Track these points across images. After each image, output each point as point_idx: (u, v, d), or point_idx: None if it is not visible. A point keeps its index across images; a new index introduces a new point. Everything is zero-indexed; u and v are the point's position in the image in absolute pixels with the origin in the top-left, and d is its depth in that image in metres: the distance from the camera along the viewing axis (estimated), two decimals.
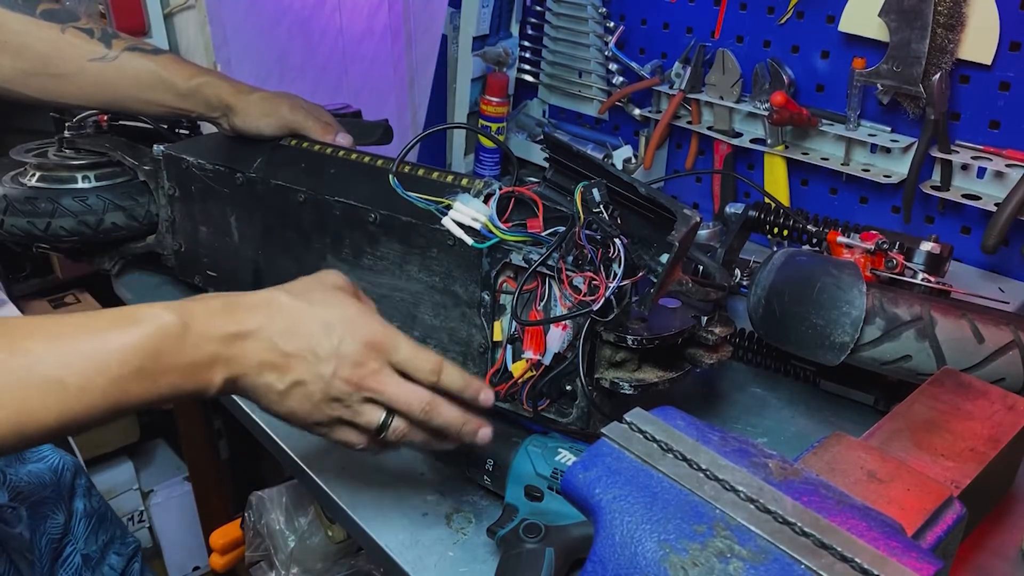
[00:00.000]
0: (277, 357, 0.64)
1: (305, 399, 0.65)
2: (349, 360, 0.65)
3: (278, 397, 0.65)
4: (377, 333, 0.66)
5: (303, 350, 0.64)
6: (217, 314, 0.63)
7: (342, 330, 0.65)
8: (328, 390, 0.65)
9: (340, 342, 0.65)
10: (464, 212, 0.77)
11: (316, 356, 0.65)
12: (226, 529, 1.52)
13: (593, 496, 0.52)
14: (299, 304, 0.66)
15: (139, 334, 0.59)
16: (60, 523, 0.94)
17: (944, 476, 0.63)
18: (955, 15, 1.05)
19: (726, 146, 1.34)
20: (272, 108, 0.99)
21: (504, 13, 1.56)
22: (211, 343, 0.62)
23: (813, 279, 0.83)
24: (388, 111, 1.77)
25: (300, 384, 0.65)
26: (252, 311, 0.64)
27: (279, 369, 0.64)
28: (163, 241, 1.11)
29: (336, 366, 0.65)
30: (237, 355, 0.63)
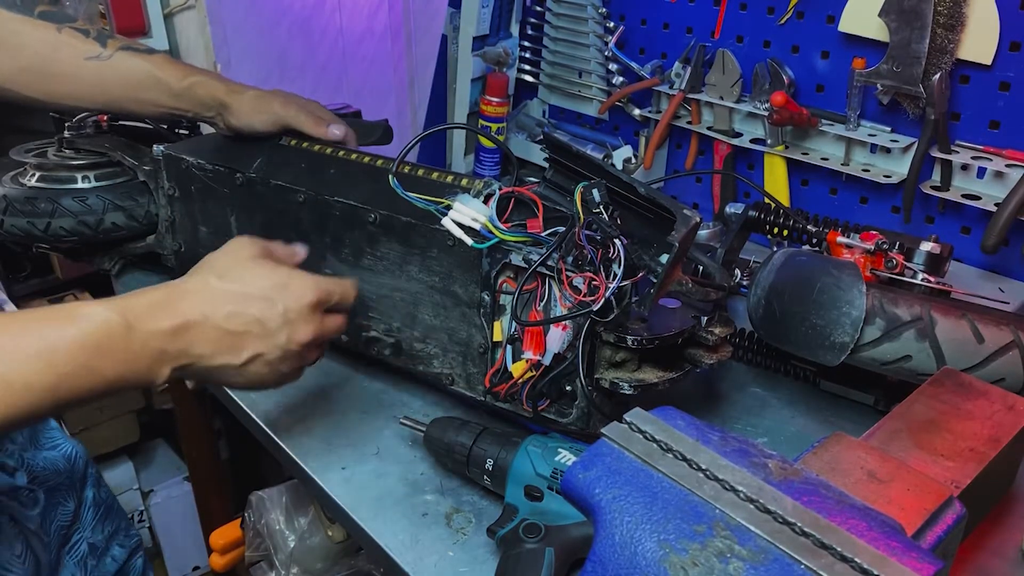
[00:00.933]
0: (229, 339, 0.68)
1: (265, 367, 0.71)
2: (298, 323, 0.71)
3: (237, 372, 0.70)
4: (314, 290, 0.73)
5: (251, 325, 0.69)
6: (159, 308, 0.65)
7: (281, 299, 0.70)
8: (285, 354, 0.71)
9: (286, 311, 0.70)
10: (464, 212, 0.77)
11: (266, 328, 0.70)
12: (226, 529, 1.52)
13: (593, 496, 0.52)
14: (231, 286, 0.70)
15: (82, 332, 0.61)
16: (70, 511, 0.95)
17: (944, 476, 0.63)
18: (955, 15, 1.05)
19: (726, 146, 1.34)
20: (264, 105, 1.00)
21: (504, 13, 1.56)
22: (156, 338, 0.64)
23: (813, 279, 0.83)
24: (388, 111, 1.77)
25: (258, 356, 0.70)
26: (192, 301, 0.68)
27: (234, 348, 0.69)
28: (163, 241, 1.11)
29: (289, 332, 0.71)
30: (185, 347, 0.66)
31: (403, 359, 0.90)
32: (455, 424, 0.80)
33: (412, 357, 0.89)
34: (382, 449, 0.87)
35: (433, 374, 0.88)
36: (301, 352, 0.73)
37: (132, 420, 2.01)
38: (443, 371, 0.87)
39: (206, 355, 0.67)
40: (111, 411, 1.95)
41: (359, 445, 0.88)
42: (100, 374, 0.61)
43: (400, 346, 0.90)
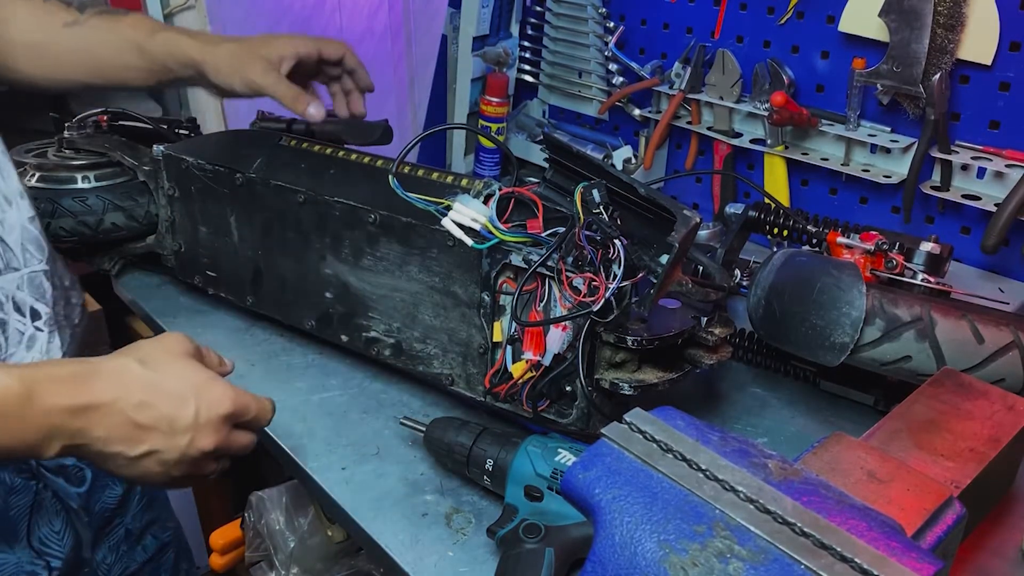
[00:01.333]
0: (130, 430, 0.65)
1: (158, 465, 0.67)
2: (206, 431, 0.68)
3: (127, 463, 0.66)
4: (231, 402, 0.70)
5: (159, 421, 0.66)
6: (64, 384, 0.63)
7: (197, 402, 0.68)
8: (183, 458, 0.68)
9: (196, 414, 0.67)
10: (464, 213, 0.77)
11: (173, 428, 0.66)
12: (226, 529, 1.52)
13: (593, 496, 0.52)
14: (152, 375, 0.67)
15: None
16: (117, 495, 0.94)
17: (944, 476, 0.63)
18: (955, 15, 1.05)
19: (726, 146, 1.34)
20: (241, 66, 0.92)
21: (504, 13, 1.56)
22: (55, 414, 0.61)
23: (813, 279, 0.83)
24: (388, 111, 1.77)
25: (154, 453, 0.67)
26: (105, 382, 0.65)
27: (131, 440, 0.65)
28: (163, 241, 1.11)
29: (193, 437, 0.67)
30: (83, 428, 0.63)
31: (403, 359, 0.90)
32: (455, 424, 0.80)
33: (412, 357, 0.89)
34: (382, 449, 0.87)
35: (433, 374, 0.88)
36: (198, 460, 0.69)
37: None
38: (443, 371, 0.87)
39: (102, 439, 0.64)
40: None
41: (359, 445, 0.88)
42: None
43: (400, 346, 0.90)
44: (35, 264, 0.79)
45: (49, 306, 0.80)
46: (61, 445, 0.63)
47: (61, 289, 0.85)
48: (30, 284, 0.78)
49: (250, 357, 1.02)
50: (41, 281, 0.80)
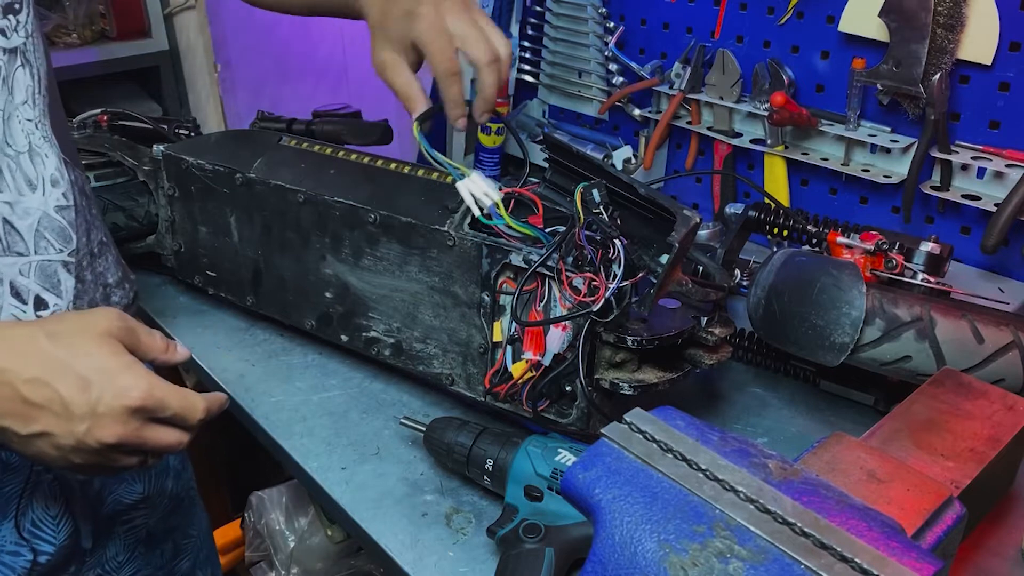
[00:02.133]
0: (18, 405, 0.60)
1: (53, 448, 0.62)
2: (107, 420, 0.61)
3: (19, 441, 0.62)
4: (141, 395, 0.62)
5: (52, 402, 0.60)
6: None
7: (101, 388, 0.61)
8: (80, 446, 0.62)
9: (97, 402, 0.61)
10: (478, 185, 0.77)
11: (67, 412, 0.61)
12: (226, 529, 1.52)
13: (593, 496, 0.52)
14: (57, 351, 0.61)
15: None
16: (137, 492, 0.90)
17: (944, 476, 0.64)
18: (955, 15, 1.05)
19: (726, 146, 1.34)
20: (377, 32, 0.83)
21: (504, 13, 1.56)
22: None
23: (813, 279, 0.83)
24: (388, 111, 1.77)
25: (46, 435, 0.61)
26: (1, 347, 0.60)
27: (21, 417, 0.60)
28: (163, 241, 1.11)
29: (90, 426, 0.61)
30: None
31: (403, 359, 0.90)
32: (455, 424, 0.80)
33: (412, 357, 0.89)
34: (382, 449, 0.87)
35: (433, 374, 0.88)
36: (101, 451, 0.62)
37: None
38: (443, 371, 0.87)
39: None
40: None
41: (359, 445, 0.88)
42: None
43: (400, 346, 0.90)
44: (50, 253, 0.76)
45: (65, 299, 0.77)
46: None
47: (97, 286, 0.81)
48: (40, 273, 0.75)
49: (250, 357, 1.02)
50: (56, 271, 0.76)
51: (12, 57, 0.73)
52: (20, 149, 0.74)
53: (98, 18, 1.75)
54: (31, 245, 0.75)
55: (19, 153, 0.74)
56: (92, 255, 0.81)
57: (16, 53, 0.74)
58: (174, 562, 0.97)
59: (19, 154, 0.74)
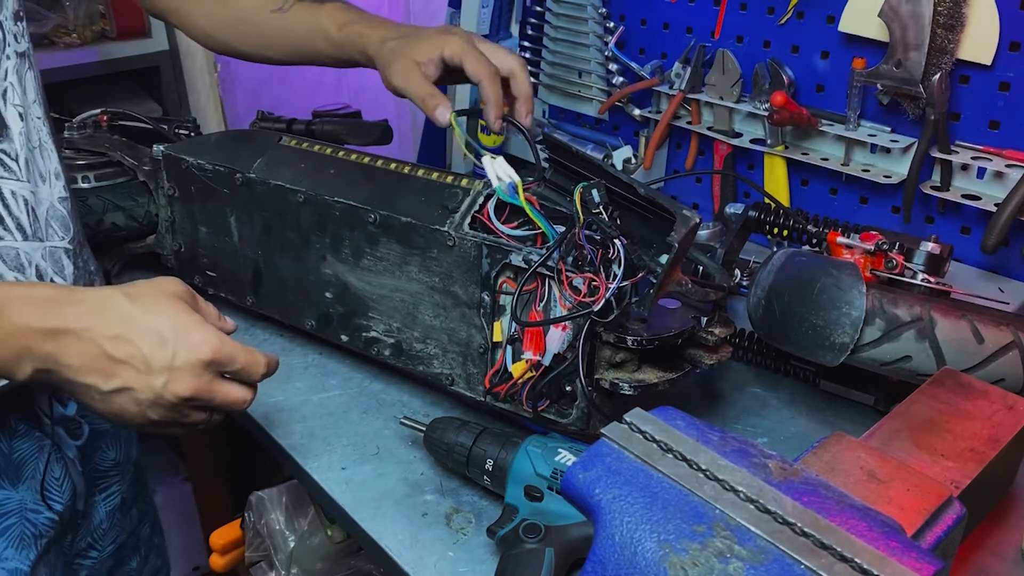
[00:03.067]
0: (103, 361, 0.63)
1: (132, 404, 0.66)
2: (183, 374, 0.65)
3: (101, 398, 0.65)
4: (213, 349, 0.67)
5: (133, 358, 0.64)
6: (40, 305, 0.62)
7: (176, 343, 0.65)
8: (158, 400, 0.66)
9: (174, 356, 0.65)
10: (503, 167, 0.77)
11: (147, 366, 0.64)
12: (226, 529, 1.52)
13: (593, 496, 0.52)
14: (135, 310, 0.65)
15: None
16: (110, 459, 0.94)
17: (944, 476, 0.64)
18: (955, 15, 1.05)
19: (726, 146, 1.34)
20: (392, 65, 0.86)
21: (504, 13, 1.56)
22: (25, 334, 0.61)
23: (813, 279, 0.83)
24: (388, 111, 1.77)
25: (128, 390, 0.65)
26: (80, 308, 0.63)
27: (104, 373, 0.64)
28: (163, 241, 1.11)
29: (168, 379, 0.65)
30: (53, 352, 0.62)
31: (403, 359, 0.90)
32: (455, 424, 0.80)
33: (412, 357, 0.89)
34: (382, 449, 0.87)
35: (433, 374, 0.88)
36: (177, 406, 0.67)
37: None
38: (443, 371, 0.87)
39: (73, 367, 0.63)
40: None
41: (359, 445, 0.88)
42: None
43: (400, 346, 0.90)
44: (56, 240, 0.80)
45: (68, 283, 0.81)
46: (32, 368, 0.62)
47: (85, 272, 0.85)
48: (51, 258, 0.79)
49: None
50: (61, 257, 0.80)
51: (23, 60, 0.78)
52: (34, 144, 0.79)
53: (98, 18, 1.75)
54: (45, 232, 0.79)
55: (34, 148, 0.78)
56: (81, 244, 0.85)
57: (25, 56, 0.78)
58: (139, 527, 1.01)
59: (34, 148, 0.78)
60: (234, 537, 1.50)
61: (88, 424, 0.90)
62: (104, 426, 0.95)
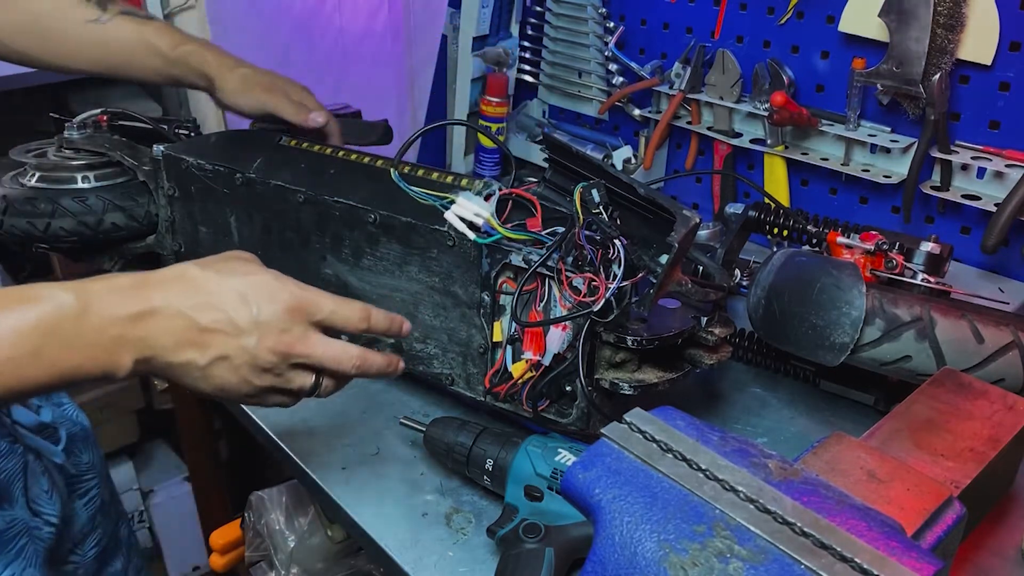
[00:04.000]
0: (194, 333, 0.62)
1: (231, 372, 0.64)
2: (272, 328, 0.64)
3: (201, 374, 0.64)
4: (295, 296, 0.65)
5: (221, 322, 0.63)
6: (122, 293, 0.61)
7: (258, 298, 0.64)
8: (254, 362, 0.64)
9: (259, 311, 0.64)
10: (467, 208, 0.77)
11: (236, 328, 0.63)
12: (226, 529, 1.52)
13: (593, 496, 0.52)
14: (209, 275, 0.64)
15: (34, 314, 0.57)
16: (86, 462, 0.94)
17: (944, 476, 0.64)
18: (955, 15, 1.05)
19: (726, 146, 1.34)
20: (249, 88, 1.00)
21: (504, 13, 1.56)
22: (115, 324, 0.60)
23: (813, 279, 0.83)
24: (388, 111, 1.77)
25: (224, 358, 0.63)
26: (160, 287, 0.63)
27: (198, 345, 0.62)
28: (163, 241, 1.11)
29: (259, 336, 0.63)
30: (146, 335, 0.61)
31: (403, 359, 0.90)
32: (455, 424, 0.80)
33: (412, 357, 0.89)
34: (382, 449, 0.87)
35: (433, 374, 0.88)
36: (276, 366, 0.65)
37: (132, 420, 2.01)
38: (443, 371, 0.87)
39: (169, 347, 0.62)
40: (111, 411, 1.95)
41: (359, 445, 0.88)
42: (52, 360, 0.57)
43: (400, 346, 0.90)
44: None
45: None
46: (132, 358, 0.61)
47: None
48: None
49: None
50: None
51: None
52: None
53: None
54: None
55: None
56: None
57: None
58: (117, 528, 1.01)
59: None
60: (234, 537, 1.50)
61: (64, 429, 0.89)
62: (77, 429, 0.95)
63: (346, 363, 0.68)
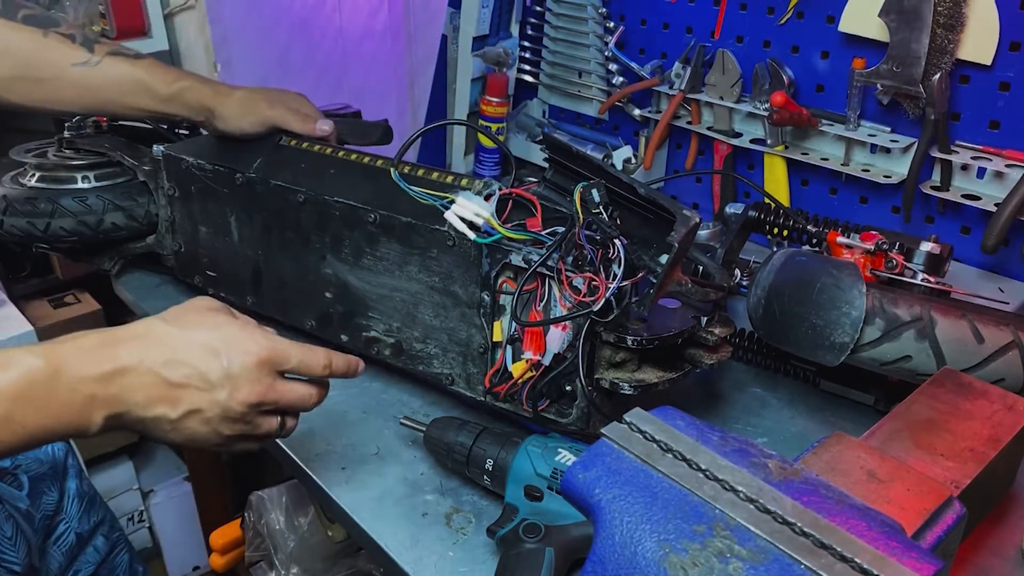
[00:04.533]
0: (165, 389, 0.64)
1: (203, 424, 0.66)
2: (242, 381, 0.65)
3: (172, 427, 0.65)
4: (264, 349, 0.67)
5: (191, 377, 0.64)
6: (90, 353, 0.62)
7: (228, 351, 0.65)
8: (226, 413, 0.66)
9: (230, 364, 0.65)
10: (466, 208, 0.77)
11: (208, 382, 0.64)
12: (226, 529, 1.52)
13: (593, 496, 0.52)
14: (176, 331, 0.66)
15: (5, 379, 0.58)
16: (54, 501, 0.94)
17: (944, 476, 0.63)
18: (955, 15, 1.05)
19: (726, 146, 1.34)
20: (251, 107, 1.00)
21: (504, 13, 1.56)
22: (86, 384, 0.61)
23: (813, 279, 0.83)
24: (388, 111, 1.77)
25: (195, 412, 0.65)
26: (128, 345, 0.64)
27: (169, 401, 0.64)
28: (163, 241, 1.11)
29: (231, 389, 0.65)
30: (117, 393, 0.62)
31: (403, 359, 0.90)
32: (455, 424, 0.80)
33: (412, 357, 0.89)
34: (382, 449, 0.87)
35: (433, 374, 0.88)
36: (246, 415, 0.67)
37: None
38: (443, 371, 0.87)
39: (140, 404, 0.63)
40: None
41: (359, 445, 0.88)
42: (21, 424, 0.58)
43: (400, 346, 0.90)
44: None
45: None
46: (103, 416, 0.62)
47: None
48: None
49: None
50: None
51: None
52: None
53: (98, 18, 1.74)
54: None
55: None
56: None
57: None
58: (112, 557, 1.00)
59: None
60: (234, 537, 1.50)
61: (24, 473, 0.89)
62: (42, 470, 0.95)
63: (307, 403, 0.71)
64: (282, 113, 1.01)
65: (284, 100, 1.03)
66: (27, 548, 0.84)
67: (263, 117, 1.00)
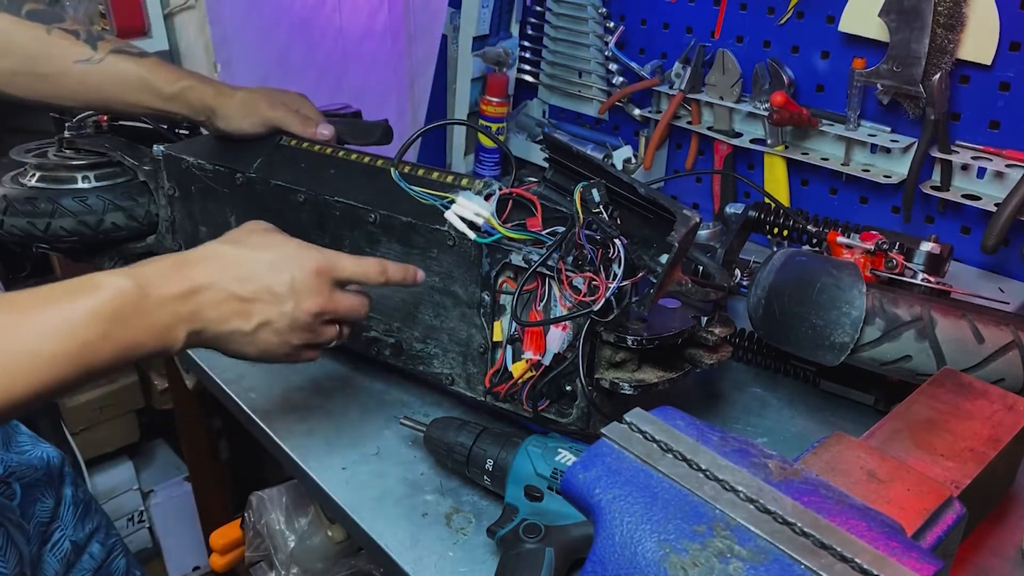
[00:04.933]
0: (237, 304, 0.69)
1: (274, 335, 0.71)
2: (306, 292, 0.71)
3: (247, 339, 0.71)
4: (319, 260, 0.73)
5: (260, 292, 0.70)
6: (169, 274, 0.67)
7: (289, 266, 0.71)
8: (294, 323, 0.71)
9: (292, 278, 0.71)
10: (467, 207, 0.77)
11: (274, 295, 0.70)
12: (226, 529, 1.52)
13: (593, 496, 0.52)
14: (242, 251, 0.71)
15: (100, 300, 0.62)
16: (49, 508, 0.95)
17: (944, 476, 0.63)
18: (955, 15, 1.05)
19: (726, 146, 1.34)
20: (252, 108, 1.01)
21: (504, 13, 1.56)
22: (168, 303, 0.66)
23: (813, 279, 0.83)
24: (388, 111, 1.77)
25: (267, 324, 0.70)
26: (200, 266, 0.69)
27: (242, 314, 0.69)
28: (163, 241, 1.11)
29: (296, 300, 0.71)
30: (196, 310, 0.67)
31: (403, 359, 0.90)
32: (455, 424, 0.80)
33: (412, 357, 0.89)
34: (382, 449, 0.87)
35: (433, 374, 0.88)
36: (311, 324, 0.73)
37: (132, 420, 2.01)
38: (443, 371, 0.87)
39: (216, 319, 0.68)
40: (111, 411, 1.95)
41: (359, 445, 0.88)
42: (118, 341, 0.62)
43: (400, 346, 0.90)
44: None
45: None
46: (185, 332, 0.67)
47: None
48: None
49: None
50: None
51: None
52: None
53: (98, 18, 1.74)
54: None
55: None
56: None
57: None
58: (109, 563, 1.01)
59: None
60: (234, 537, 1.50)
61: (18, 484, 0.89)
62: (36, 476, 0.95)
63: (362, 312, 0.77)
64: (283, 114, 1.01)
65: (285, 101, 1.03)
66: (18, 557, 0.84)
67: (264, 118, 1.01)
